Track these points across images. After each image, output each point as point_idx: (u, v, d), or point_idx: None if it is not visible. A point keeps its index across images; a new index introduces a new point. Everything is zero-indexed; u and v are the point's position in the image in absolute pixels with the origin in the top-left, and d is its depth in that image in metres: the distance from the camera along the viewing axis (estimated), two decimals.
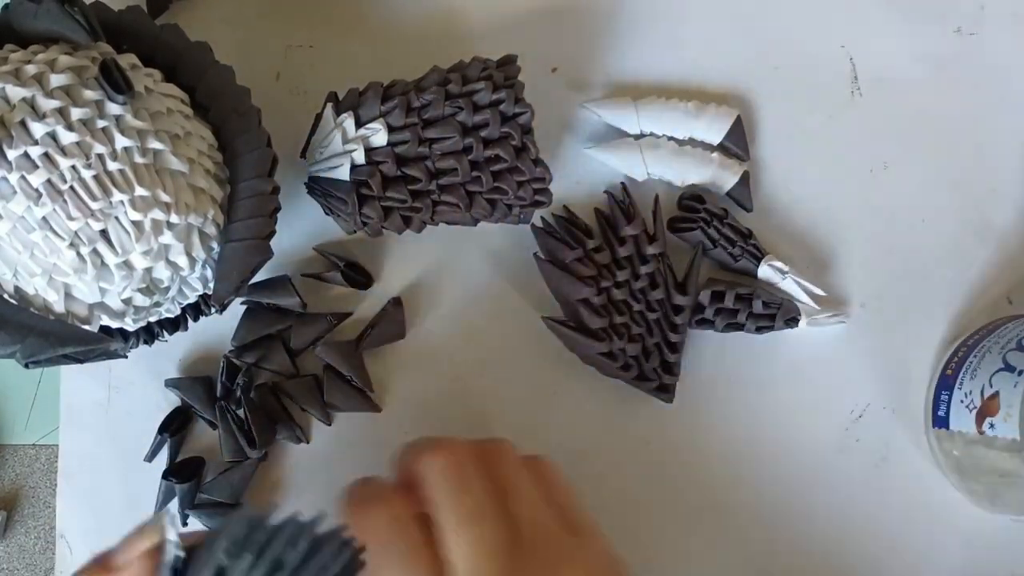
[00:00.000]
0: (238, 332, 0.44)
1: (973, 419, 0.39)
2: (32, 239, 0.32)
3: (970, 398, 0.39)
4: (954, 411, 0.40)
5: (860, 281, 0.45)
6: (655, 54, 0.47)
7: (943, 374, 0.42)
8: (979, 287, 0.44)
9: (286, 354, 0.44)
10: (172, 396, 0.45)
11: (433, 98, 0.39)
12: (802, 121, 0.46)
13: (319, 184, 0.40)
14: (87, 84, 0.33)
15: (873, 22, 0.46)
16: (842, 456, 0.44)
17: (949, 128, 0.45)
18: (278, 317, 0.44)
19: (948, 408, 0.41)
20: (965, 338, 0.42)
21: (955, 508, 0.43)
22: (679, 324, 0.43)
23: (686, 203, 0.44)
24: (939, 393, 0.42)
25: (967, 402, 0.39)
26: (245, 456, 0.43)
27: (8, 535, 0.48)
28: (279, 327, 0.44)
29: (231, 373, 0.44)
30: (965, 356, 0.41)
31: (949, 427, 0.40)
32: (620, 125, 0.45)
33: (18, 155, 0.31)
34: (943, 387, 0.42)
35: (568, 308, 0.43)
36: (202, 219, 0.36)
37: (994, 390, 0.38)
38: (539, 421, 0.44)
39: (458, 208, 0.40)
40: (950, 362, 0.42)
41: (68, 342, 0.35)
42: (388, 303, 0.45)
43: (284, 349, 0.44)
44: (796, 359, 0.44)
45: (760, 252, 0.43)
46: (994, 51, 0.46)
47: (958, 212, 0.45)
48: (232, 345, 0.44)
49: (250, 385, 0.43)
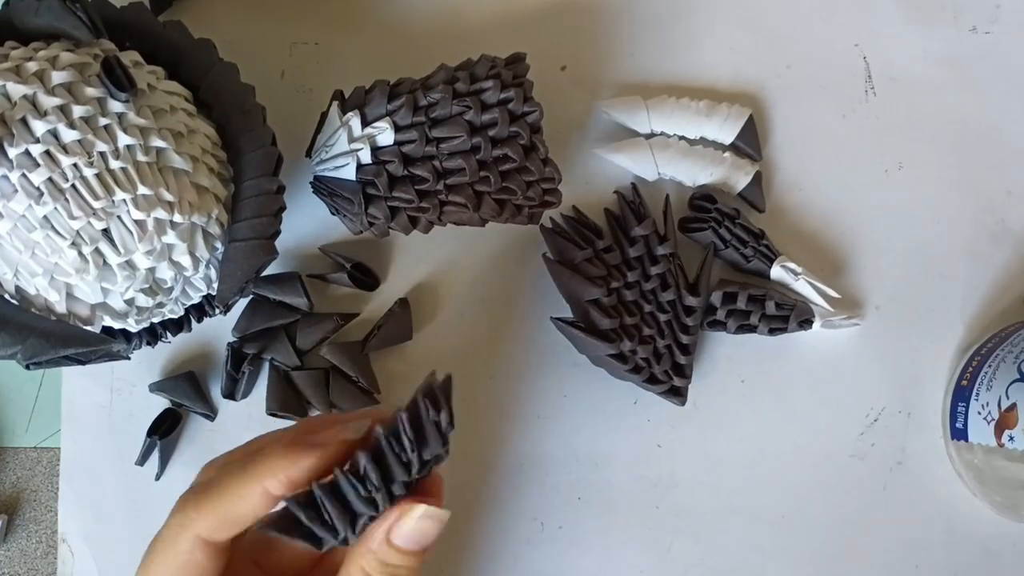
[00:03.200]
0: (240, 322, 0.44)
1: (992, 431, 0.38)
2: (33, 238, 0.32)
3: (987, 410, 0.39)
4: (972, 423, 0.40)
5: (875, 283, 0.44)
6: (666, 52, 0.46)
7: (959, 385, 0.41)
8: (995, 290, 0.44)
9: (290, 347, 0.44)
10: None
11: (440, 97, 0.38)
12: (815, 121, 0.45)
13: (324, 183, 0.40)
14: (89, 81, 0.33)
15: (887, 20, 0.46)
16: (857, 461, 0.43)
17: (964, 128, 0.45)
18: (283, 312, 0.44)
19: (966, 420, 0.40)
20: (979, 347, 0.42)
21: (973, 514, 0.42)
22: (691, 326, 0.42)
23: (697, 203, 0.44)
24: (955, 405, 0.41)
25: (984, 414, 0.39)
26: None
27: (9, 539, 0.48)
28: (283, 321, 0.44)
29: (236, 361, 0.44)
30: (980, 366, 0.40)
31: (968, 439, 0.40)
32: (631, 124, 0.44)
33: (19, 153, 0.31)
34: (959, 398, 0.41)
35: (578, 309, 0.43)
36: (206, 218, 0.36)
37: (1011, 402, 0.37)
38: (549, 425, 0.44)
39: (466, 208, 0.40)
40: (965, 372, 0.41)
41: (70, 343, 0.34)
42: (395, 304, 0.44)
43: (289, 342, 0.44)
44: (810, 362, 0.43)
45: (773, 253, 0.43)
46: (1010, 50, 0.45)
47: (973, 214, 0.44)
48: (234, 335, 0.44)
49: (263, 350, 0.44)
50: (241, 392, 0.44)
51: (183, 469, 0.45)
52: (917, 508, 0.42)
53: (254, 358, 0.44)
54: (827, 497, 0.43)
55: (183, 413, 0.45)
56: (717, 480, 0.43)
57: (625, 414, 0.44)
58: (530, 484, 0.43)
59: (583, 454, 0.43)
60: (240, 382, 0.44)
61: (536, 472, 0.44)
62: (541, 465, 0.44)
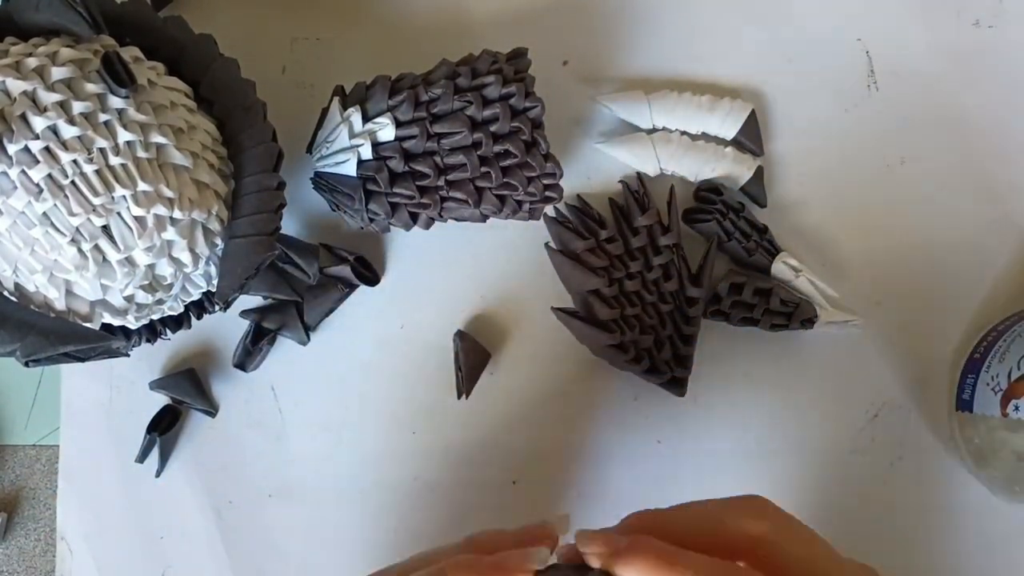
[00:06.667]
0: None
1: (998, 401, 0.38)
2: (33, 235, 0.32)
3: (996, 381, 0.39)
4: (979, 393, 0.40)
5: (876, 278, 0.44)
6: (668, 47, 0.46)
7: (971, 357, 0.42)
8: (998, 286, 0.44)
9: (300, 324, 0.44)
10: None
11: (442, 92, 0.38)
12: (818, 115, 0.45)
13: (325, 179, 0.39)
14: (89, 77, 0.33)
15: (890, 14, 0.46)
16: (857, 456, 0.43)
17: (967, 122, 0.45)
18: (290, 285, 0.44)
19: (973, 391, 0.40)
20: (996, 323, 0.42)
21: (973, 507, 0.42)
22: (692, 316, 0.42)
23: (703, 194, 0.44)
24: (965, 376, 0.41)
25: (993, 385, 0.39)
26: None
27: (8, 537, 0.48)
28: (294, 296, 0.44)
29: (256, 337, 0.44)
30: (995, 340, 0.41)
31: (973, 410, 0.40)
32: (632, 119, 0.44)
33: (18, 149, 0.31)
34: (969, 370, 0.41)
35: (579, 299, 0.42)
36: (206, 215, 0.35)
37: (1022, 372, 0.37)
38: (548, 421, 0.44)
39: (467, 204, 0.39)
40: (979, 346, 0.42)
41: (69, 340, 0.34)
42: (455, 340, 0.44)
43: (300, 321, 0.45)
44: (811, 357, 0.43)
45: (775, 248, 0.43)
46: (1013, 44, 0.45)
47: (976, 208, 0.44)
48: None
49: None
50: (253, 365, 0.45)
51: (183, 466, 0.45)
52: (917, 503, 0.42)
53: (271, 335, 0.45)
54: (827, 491, 0.43)
55: (183, 410, 0.45)
56: (716, 476, 0.43)
57: (625, 410, 0.43)
58: (530, 480, 0.43)
59: (583, 450, 0.43)
60: (255, 356, 0.45)
61: (536, 468, 0.43)
62: (540, 461, 0.43)
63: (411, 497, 0.44)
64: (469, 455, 0.44)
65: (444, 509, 0.44)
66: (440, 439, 0.44)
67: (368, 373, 0.45)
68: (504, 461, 0.44)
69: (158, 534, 0.44)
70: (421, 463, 0.44)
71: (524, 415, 0.44)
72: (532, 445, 0.44)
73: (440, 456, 0.44)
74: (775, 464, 0.43)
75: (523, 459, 0.44)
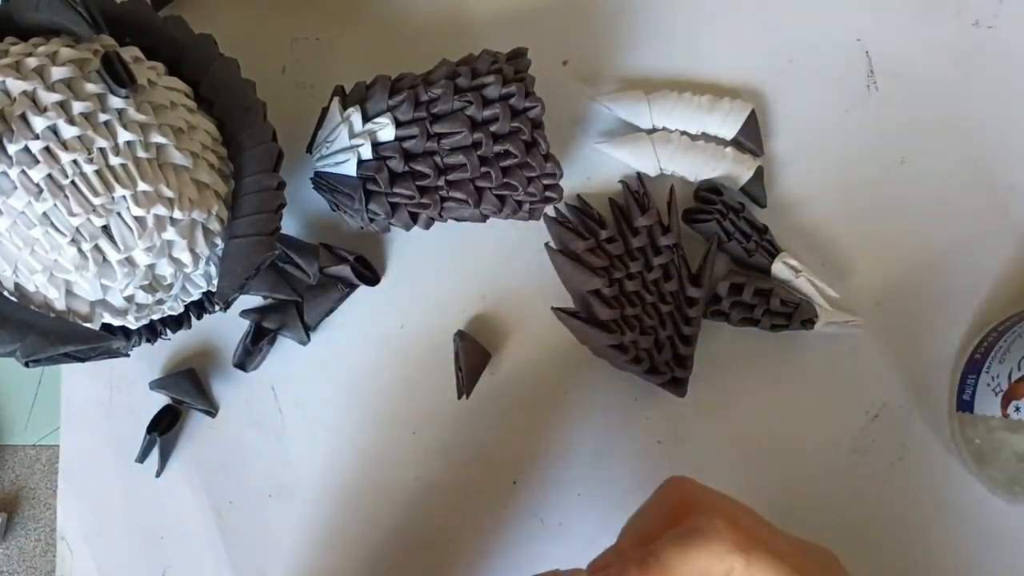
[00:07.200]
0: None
1: (999, 402, 0.38)
2: (32, 235, 0.32)
3: (997, 381, 0.39)
4: (979, 394, 0.40)
5: (876, 279, 0.44)
6: (668, 47, 0.46)
7: (971, 357, 0.42)
8: (998, 286, 0.44)
9: (301, 324, 0.44)
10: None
11: (442, 92, 0.38)
12: (817, 115, 0.45)
13: (325, 179, 0.39)
14: (89, 77, 0.33)
15: (889, 15, 0.46)
16: (857, 456, 0.43)
17: (967, 122, 0.45)
18: (290, 285, 0.44)
19: (974, 391, 0.40)
20: (996, 324, 0.42)
21: (972, 506, 0.42)
22: (692, 316, 0.42)
23: (703, 194, 0.44)
24: (965, 376, 0.41)
25: (993, 385, 0.39)
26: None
27: (8, 537, 0.48)
28: (294, 296, 0.44)
29: (257, 337, 0.44)
30: (995, 341, 0.40)
31: (973, 411, 0.40)
32: (632, 120, 0.44)
33: (18, 149, 0.31)
34: (970, 370, 0.41)
35: (579, 299, 0.42)
36: (206, 215, 0.35)
37: (1022, 373, 0.37)
38: (548, 421, 0.44)
39: (467, 204, 0.39)
40: (979, 346, 0.42)
41: (69, 340, 0.34)
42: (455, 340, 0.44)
43: (300, 320, 0.45)
44: (811, 357, 0.43)
45: (775, 248, 0.43)
46: (1012, 44, 0.45)
47: (976, 208, 0.44)
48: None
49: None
50: (253, 365, 0.45)
51: (183, 466, 0.45)
52: (917, 503, 0.42)
53: (271, 335, 0.45)
54: (828, 492, 0.43)
55: (183, 410, 0.45)
56: (716, 476, 0.43)
57: (625, 410, 0.43)
58: (530, 480, 0.43)
59: (583, 450, 0.43)
60: (255, 356, 0.45)
61: (536, 468, 0.43)
62: (541, 461, 0.43)
63: (411, 497, 0.44)
64: (469, 455, 0.44)
65: (444, 509, 0.44)
66: (440, 439, 0.44)
67: (368, 373, 0.45)
68: (504, 461, 0.44)
69: (158, 534, 0.44)
70: (421, 463, 0.44)
71: (524, 415, 0.44)
72: (532, 445, 0.44)
73: (440, 456, 0.44)
74: (775, 464, 0.43)
75: (523, 459, 0.44)
